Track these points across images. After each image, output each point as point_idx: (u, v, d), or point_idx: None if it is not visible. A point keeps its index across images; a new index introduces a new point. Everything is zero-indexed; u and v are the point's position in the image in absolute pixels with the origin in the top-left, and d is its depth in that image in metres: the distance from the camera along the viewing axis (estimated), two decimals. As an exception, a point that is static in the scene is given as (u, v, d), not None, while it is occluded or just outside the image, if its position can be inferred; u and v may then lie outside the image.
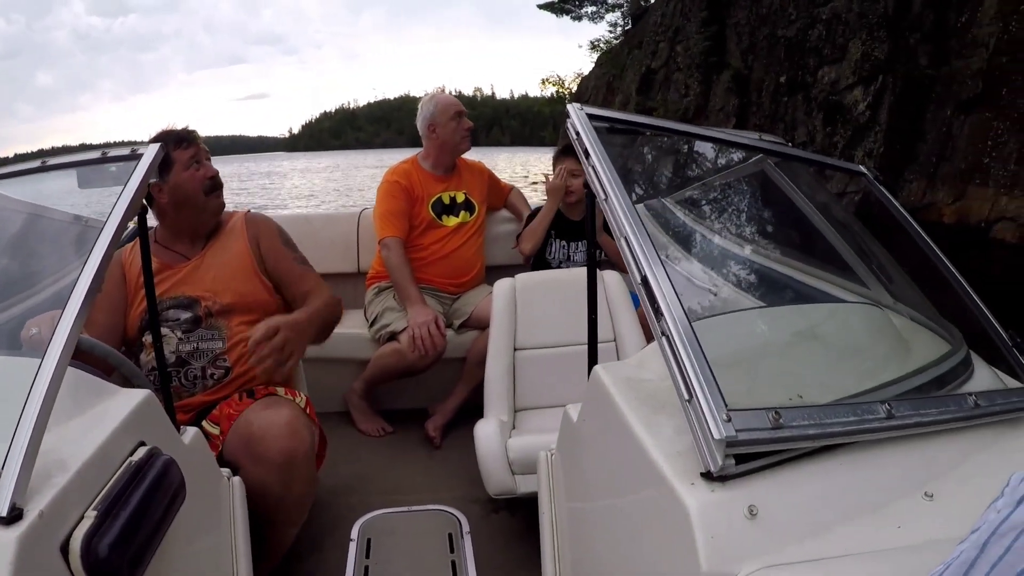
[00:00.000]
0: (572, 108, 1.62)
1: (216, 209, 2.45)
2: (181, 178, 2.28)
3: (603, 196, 1.43)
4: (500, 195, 4.01)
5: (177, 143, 2.26)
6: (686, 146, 2.91)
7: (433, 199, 3.57)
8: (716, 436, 1.07)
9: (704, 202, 3.06)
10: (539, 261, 3.58)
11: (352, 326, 3.53)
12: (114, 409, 1.43)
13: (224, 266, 2.39)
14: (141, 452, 1.37)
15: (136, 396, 1.50)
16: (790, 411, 1.16)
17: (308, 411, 2.31)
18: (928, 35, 15.63)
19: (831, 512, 1.15)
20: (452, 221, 3.59)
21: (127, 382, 1.86)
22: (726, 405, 1.09)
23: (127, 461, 1.33)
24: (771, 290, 2.65)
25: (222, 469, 1.89)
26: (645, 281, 1.24)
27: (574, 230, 3.54)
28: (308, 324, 2.29)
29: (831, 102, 17.21)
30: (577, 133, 1.58)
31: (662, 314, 1.19)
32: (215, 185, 2.39)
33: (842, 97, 16.85)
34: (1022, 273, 11.25)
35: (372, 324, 3.45)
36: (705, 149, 2.85)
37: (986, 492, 1.17)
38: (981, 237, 12.97)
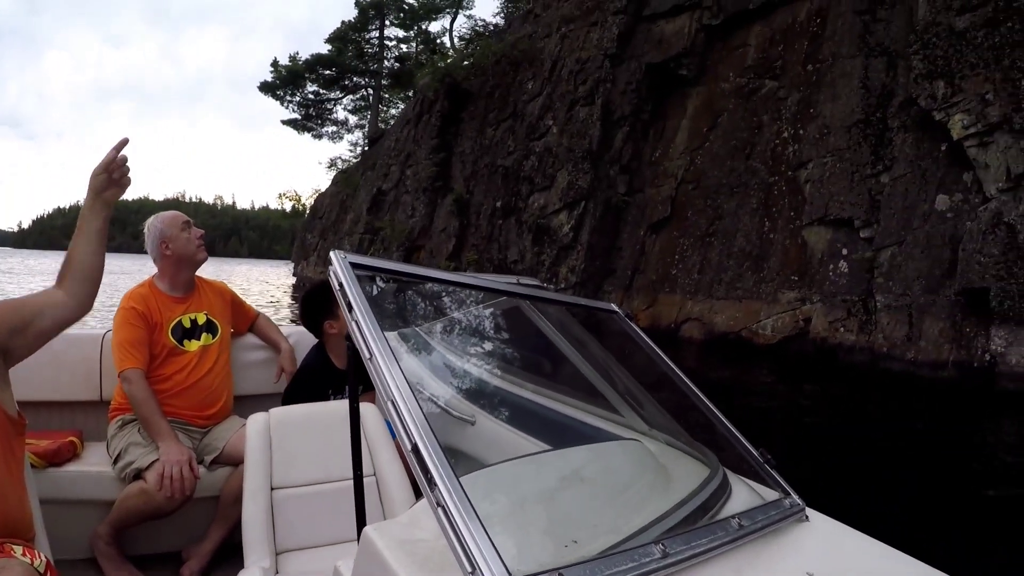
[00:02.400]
0: (335, 256, 1.48)
1: None
2: None
3: (367, 355, 1.32)
4: (245, 319, 3.60)
5: None
6: (448, 289, 2.87)
7: (173, 323, 3.19)
8: None
9: (464, 344, 3.04)
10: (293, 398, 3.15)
11: (95, 463, 3.07)
12: None
13: None
14: None
15: None
16: (572, 569, 1.13)
17: (48, 575, 1.88)
18: (625, 167, 16.64)
19: None
20: (194, 345, 3.22)
21: None
22: (509, 573, 1.04)
23: None
24: (539, 428, 2.60)
25: None
26: (416, 450, 1.17)
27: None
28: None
29: (540, 225, 17.68)
30: (340, 284, 1.42)
31: (436, 484, 1.13)
32: None
33: (549, 220, 17.39)
34: (707, 362, 11.37)
35: (116, 461, 2.99)
36: (465, 292, 2.81)
37: None
38: (672, 337, 13.19)
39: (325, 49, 42.70)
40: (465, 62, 24.50)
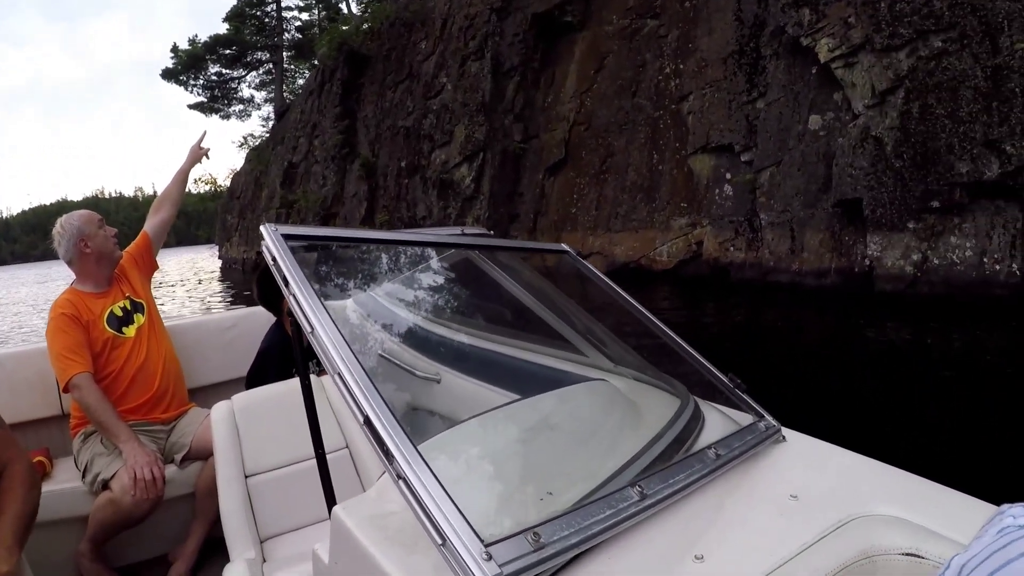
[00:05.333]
0: (265, 229, 1.31)
1: None
2: None
3: (308, 329, 1.18)
4: (145, 250, 3.25)
5: None
6: (393, 249, 2.53)
7: (106, 315, 2.91)
8: None
9: (419, 303, 2.77)
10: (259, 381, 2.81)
11: (65, 480, 2.81)
12: None
13: None
14: None
15: None
16: (548, 526, 1.01)
17: None
18: (519, 115, 16.09)
19: None
20: (132, 330, 2.94)
21: None
22: (482, 541, 0.93)
23: None
24: (505, 377, 2.36)
25: None
26: (368, 421, 1.05)
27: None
28: (15, 546, 1.71)
29: (443, 180, 17.07)
30: (274, 259, 1.26)
31: (393, 456, 1.00)
32: None
33: (452, 174, 16.80)
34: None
35: (84, 475, 2.74)
36: (412, 250, 2.54)
37: (747, 535, 1.14)
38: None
39: (224, 28, 39.78)
40: (364, 26, 23.07)
